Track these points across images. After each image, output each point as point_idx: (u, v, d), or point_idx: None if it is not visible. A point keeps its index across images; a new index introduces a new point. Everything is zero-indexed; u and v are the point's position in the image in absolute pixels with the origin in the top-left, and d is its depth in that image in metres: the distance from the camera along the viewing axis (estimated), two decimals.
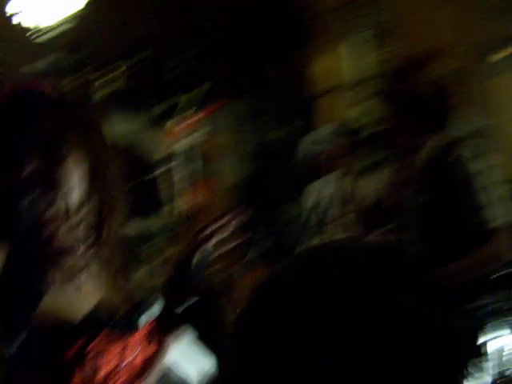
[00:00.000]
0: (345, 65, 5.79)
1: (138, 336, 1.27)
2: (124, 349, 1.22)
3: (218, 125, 4.61)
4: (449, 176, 2.30)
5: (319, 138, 3.74)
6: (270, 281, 0.71)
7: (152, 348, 1.33)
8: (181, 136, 4.20)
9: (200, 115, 4.19)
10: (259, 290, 0.70)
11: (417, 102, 2.44)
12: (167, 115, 4.72)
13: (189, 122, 4.20)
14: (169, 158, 4.17)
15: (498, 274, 2.88)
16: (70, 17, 4.32)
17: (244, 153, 5.51)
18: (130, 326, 1.25)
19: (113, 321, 1.22)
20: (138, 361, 1.29)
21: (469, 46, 4.64)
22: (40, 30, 4.40)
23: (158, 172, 4.26)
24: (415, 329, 0.61)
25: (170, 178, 4.16)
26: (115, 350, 1.17)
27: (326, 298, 0.63)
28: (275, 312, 0.65)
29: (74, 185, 1.09)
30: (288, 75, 5.73)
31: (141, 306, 1.29)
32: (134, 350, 1.27)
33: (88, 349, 1.09)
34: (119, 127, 4.69)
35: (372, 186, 3.29)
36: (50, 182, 1.06)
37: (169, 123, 4.33)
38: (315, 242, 2.86)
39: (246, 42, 5.43)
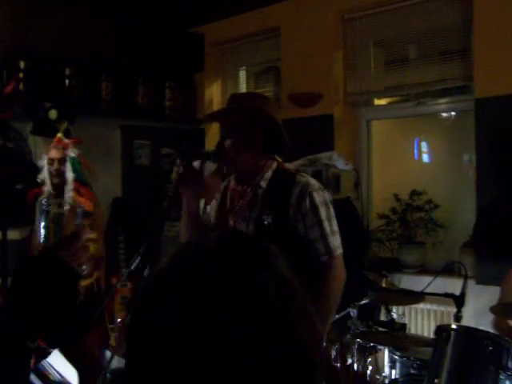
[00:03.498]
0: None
1: None
2: None
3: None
4: (295, 204, 2.38)
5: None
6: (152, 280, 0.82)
7: None
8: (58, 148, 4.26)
9: (70, 140, 4.30)
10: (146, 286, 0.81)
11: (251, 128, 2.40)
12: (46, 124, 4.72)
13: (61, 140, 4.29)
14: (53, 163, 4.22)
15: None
16: None
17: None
18: None
19: None
20: None
21: (355, 91, 4.98)
22: None
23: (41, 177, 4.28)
24: (264, 308, 0.73)
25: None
26: None
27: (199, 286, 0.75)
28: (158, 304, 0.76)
29: None
30: (179, 99, 5.81)
31: None
32: None
33: None
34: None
35: None
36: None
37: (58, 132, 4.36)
38: None
39: (136, 65, 5.47)
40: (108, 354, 3.63)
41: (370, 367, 3.30)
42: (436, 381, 2.34)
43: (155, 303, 0.76)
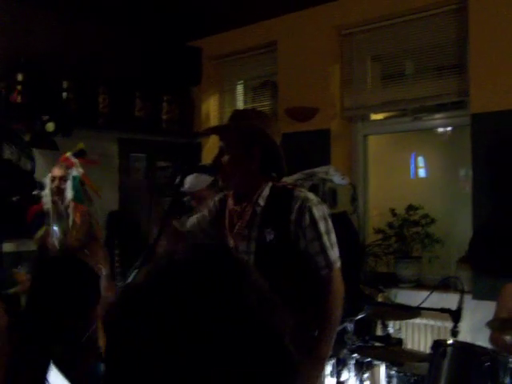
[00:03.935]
0: (229, 109, 5.99)
1: None
2: None
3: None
4: (295, 219, 2.39)
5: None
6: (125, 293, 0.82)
7: None
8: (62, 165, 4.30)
9: (75, 160, 4.35)
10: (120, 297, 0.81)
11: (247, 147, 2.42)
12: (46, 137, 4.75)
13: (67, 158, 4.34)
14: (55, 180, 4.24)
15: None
16: None
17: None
18: None
19: None
20: None
21: (352, 105, 5.00)
22: None
23: (40, 191, 4.30)
24: (251, 326, 0.73)
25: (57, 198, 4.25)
26: None
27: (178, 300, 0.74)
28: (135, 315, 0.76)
29: None
30: (176, 113, 5.82)
31: None
32: None
33: None
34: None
35: None
36: None
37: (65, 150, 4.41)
38: None
39: (133, 78, 5.49)
40: (103, 368, 3.61)
41: (367, 382, 3.29)
42: None
43: (132, 318, 0.76)
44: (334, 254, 2.45)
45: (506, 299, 3.58)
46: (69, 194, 4.24)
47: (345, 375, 3.28)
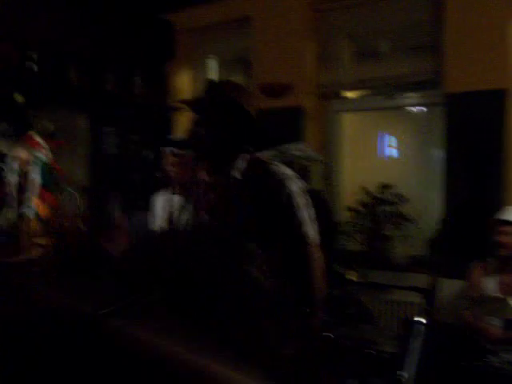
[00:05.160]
0: (202, 84, 5.92)
1: None
2: None
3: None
4: (272, 194, 2.34)
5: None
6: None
7: None
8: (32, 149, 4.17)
9: (44, 143, 4.22)
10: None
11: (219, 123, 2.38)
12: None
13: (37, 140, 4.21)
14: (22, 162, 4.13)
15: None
16: None
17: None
18: None
19: None
20: None
21: (326, 83, 4.97)
22: None
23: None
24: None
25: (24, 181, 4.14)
26: None
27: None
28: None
29: None
30: (150, 87, 5.74)
31: None
32: None
33: None
34: None
35: None
36: None
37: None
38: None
39: (104, 52, 5.39)
40: None
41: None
42: (400, 373, 2.35)
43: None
44: (312, 228, 2.42)
45: (476, 278, 3.63)
46: (36, 178, 4.09)
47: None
